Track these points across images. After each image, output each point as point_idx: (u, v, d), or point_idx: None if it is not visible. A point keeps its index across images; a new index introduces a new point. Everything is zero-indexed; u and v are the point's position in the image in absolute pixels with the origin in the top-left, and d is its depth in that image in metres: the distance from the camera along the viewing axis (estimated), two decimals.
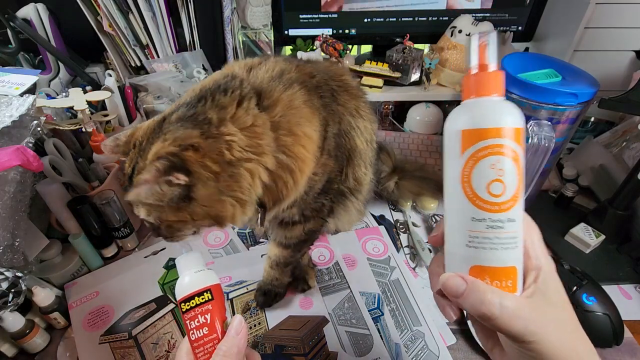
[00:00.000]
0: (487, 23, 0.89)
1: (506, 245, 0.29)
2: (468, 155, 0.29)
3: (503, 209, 0.28)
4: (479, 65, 0.29)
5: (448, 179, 0.31)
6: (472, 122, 0.29)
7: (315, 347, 0.57)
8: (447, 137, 0.30)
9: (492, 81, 0.29)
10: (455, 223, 0.31)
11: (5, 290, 0.49)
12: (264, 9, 0.95)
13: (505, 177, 0.28)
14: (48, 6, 0.83)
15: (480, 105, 0.29)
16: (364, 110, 0.54)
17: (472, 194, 0.29)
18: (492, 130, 0.28)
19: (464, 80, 0.31)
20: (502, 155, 0.28)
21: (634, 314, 0.61)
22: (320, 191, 0.51)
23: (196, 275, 0.38)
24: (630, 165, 0.76)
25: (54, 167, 0.61)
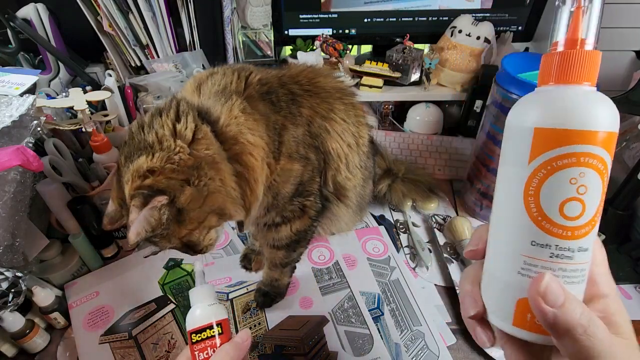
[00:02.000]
0: (487, 23, 0.89)
1: (571, 279, 0.23)
2: (540, 162, 0.22)
3: (577, 235, 0.22)
4: (569, 39, 0.22)
5: (505, 188, 0.25)
6: (553, 119, 0.22)
7: (315, 347, 0.57)
8: (511, 134, 0.24)
9: (585, 64, 0.21)
10: (508, 244, 0.24)
11: (5, 290, 0.49)
12: (264, 9, 0.95)
13: (587, 195, 0.22)
14: (48, 6, 0.83)
15: (566, 96, 0.22)
16: (345, 113, 0.53)
17: (537, 212, 0.22)
18: (581, 134, 0.21)
19: (543, 59, 0.23)
20: (589, 168, 0.21)
21: (634, 314, 0.61)
22: (292, 194, 0.51)
23: (209, 308, 0.40)
24: (630, 165, 0.76)
25: (54, 167, 0.61)
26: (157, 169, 0.38)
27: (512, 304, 0.24)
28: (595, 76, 0.22)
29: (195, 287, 0.42)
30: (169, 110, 0.42)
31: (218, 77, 0.46)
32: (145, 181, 0.38)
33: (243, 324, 0.60)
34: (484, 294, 0.27)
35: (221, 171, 0.41)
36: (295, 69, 0.55)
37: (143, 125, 0.42)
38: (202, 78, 0.47)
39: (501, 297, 0.25)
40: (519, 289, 0.24)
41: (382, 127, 1.03)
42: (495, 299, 0.26)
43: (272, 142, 0.46)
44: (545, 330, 0.23)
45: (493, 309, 0.26)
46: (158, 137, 0.40)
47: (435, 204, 0.80)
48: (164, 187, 0.38)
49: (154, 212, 0.38)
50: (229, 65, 0.50)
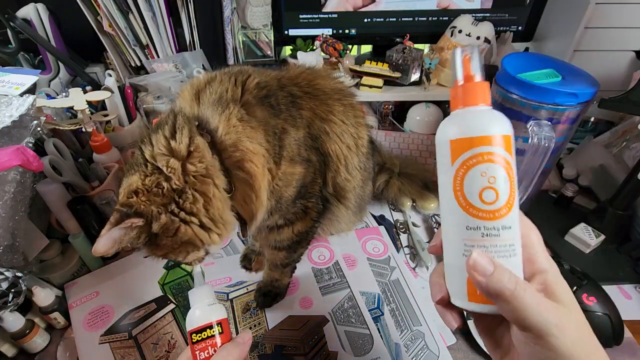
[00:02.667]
0: (487, 23, 0.89)
1: (503, 253, 0.28)
2: (458, 164, 0.29)
3: (497, 216, 0.28)
4: (465, 76, 0.30)
5: (442, 189, 0.31)
6: (461, 132, 0.29)
7: (315, 346, 0.57)
8: (438, 148, 0.31)
9: (478, 91, 0.29)
10: (451, 233, 0.30)
11: (5, 290, 0.49)
12: (264, 9, 0.95)
13: (497, 184, 0.28)
14: (48, 6, 0.83)
15: (468, 114, 0.30)
16: (344, 114, 0.54)
17: (465, 202, 0.29)
18: (480, 139, 0.28)
19: (451, 92, 0.31)
20: (493, 163, 0.28)
21: (634, 314, 0.61)
22: (295, 197, 0.51)
23: (209, 308, 0.41)
24: (630, 165, 0.76)
25: (54, 167, 0.61)
26: (141, 191, 0.39)
27: (464, 282, 0.30)
28: (488, 98, 0.30)
29: (194, 288, 0.42)
30: (165, 125, 0.42)
31: (215, 85, 0.46)
32: (128, 200, 0.39)
33: (243, 324, 0.60)
34: (446, 281, 0.32)
35: (209, 186, 0.41)
36: (294, 70, 0.55)
37: (144, 140, 0.42)
38: (200, 85, 0.47)
39: (456, 278, 0.31)
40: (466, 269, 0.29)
41: (382, 127, 1.03)
42: (453, 282, 0.31)
43: (272, 148, 0.46)
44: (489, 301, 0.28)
45: (453, 291, 0.31)
46: (153, 156, 0.41)
47: (435, 203, 0.80)
48: (142, 210, 0.39)
49: (128, 231, 0.39)
50: (227, 69, 0.50)
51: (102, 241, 0.39)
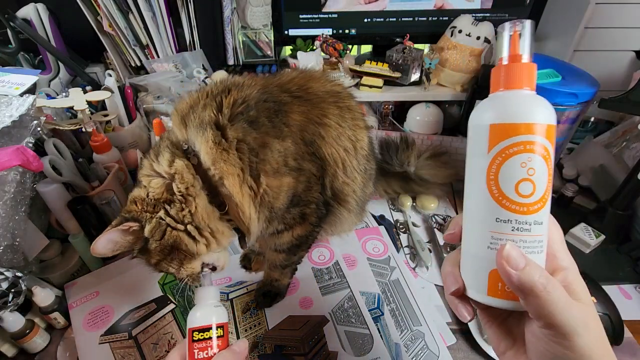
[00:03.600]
0: (487, 23, 0.89)
1: (532, 249, 0.27)
2: (496, 151, 0.27)
3: (531, 210, 0.27)
4: (511, 55, 0.27)
5: (471, 176, 0.29)
6: (503, 116, 0.27)
7: (315, 346, 0.57)
8: (473, 132, 0.28)
9: (524, 73, 0.27)
10: (477, 223, 0.29)
11: (5, 290, 0.49)
12: (264, 9, 0.95)
13: (536, 176, 0.26)
14: (48, 6, 0.83)
15: (511, 98, 0.27)
16: (339, 117, 0.53)
17: (498, 193, 0.27)
18: (524, 126, 0.26)
19: (493, 72, 0.29)
20: (534, 153, 0.26)
21: (634, 314, 0.61)
22: (287, 205, 0.50)
23: (213, 309, 0.42)
24: (630, 165, 0.76)
25: (54, 167, 0.61)
26: (139, 201, 0.45)
27: (485, 275, 0.28)
28: (533, 83, 0.27)
29: (202, 287, 0.44)
30: (152, 150, 0.49)
31: (198, 109, 0.47)
32: (129, 207, 0.46)
33: (243, 324, 0.60)
34: (463, 272, 0.30)
35: (192, 203, 0.45)
36: (287, 76, 0.55)
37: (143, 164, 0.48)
38: (183, 111, 0.48)
39: (476, 271, 0.29)
40: (490, 261, 0.28)
41: (382, 127, 1.03)
42: (472, 274, 0.30)
43: (247, 166, 0.45)
44: (514, 296, 0.27)
45: (470, 284, 0.30)
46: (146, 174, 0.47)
47: (435, 204, 0.80)
48: (138, 216, 0.44)
49: (125, 234, 0.44)
50: (210, 86, 0.51)
51: (100, 241, 0.43)
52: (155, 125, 0.75)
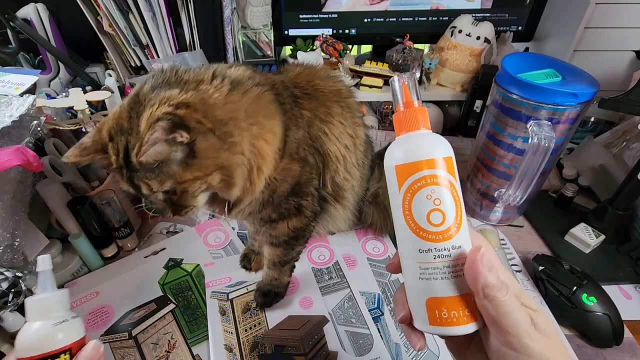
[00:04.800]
0: (487, 23, 0.89)
1: (457, 273, 0.29)
2: (405, 189, 0.29)
3: (446, 237, 0.29)
4: (405, 102, 0.31)
5: (394, 214, 0.31)
6: (405, 157, 0.30)
7: (315, 346, 0.57)
8: (386, 173, 0.31)
9: (418, 116, 0.31)
10: (406, 256, 0.31)
11: (5, 290, 0.49)
12: (264, 9, 0.95)
13: (443, 205, 0.29)
14: (48, 6, 0.83)
15: (410, 139, 0.31)
16: (341, 115, 0.54)
17: (415, 226, 0.29)
18: (422, 163, 0.29)
19: (394, 118, 0.32)
20: (436, 185, 0.29)
21: (634, 314, 0.61)
22: (288, 193, 0.51)
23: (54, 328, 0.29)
24: (630, 165, 0.76)
25: (54, 167, 0.61)
26: (192, 106, 0.39)
27: (423, 304, 0.30)
28: (427, 123, 0.31)
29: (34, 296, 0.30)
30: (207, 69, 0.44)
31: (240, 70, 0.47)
32: (177, 110, 0.38)
33: (243, 324, 0.60)
34: (409, 302, 0.32)
35: (243, 137, 0.42)
36: (292, 71, 0.56)
37: (177, 69, 0.43)
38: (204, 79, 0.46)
39: (415, 302, 0.31)
40: (424, 291, 0.29)
41: (382, 127, 1.03)
42: (413, 304, 0.31)
43: (282, 139, 0.47)
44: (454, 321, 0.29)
45: (415, 315, 0.31)
46: (197, 79, 0.42)
47: None
48: (192, 126, 0.38)
49: (171, 145, 0.38)
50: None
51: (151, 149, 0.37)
52: None
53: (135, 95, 0.42)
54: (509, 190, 0.67)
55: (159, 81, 0.42)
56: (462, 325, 0.29)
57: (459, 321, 0.29)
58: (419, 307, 0.30)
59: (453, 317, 0.29)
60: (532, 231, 0.77)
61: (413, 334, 0.31)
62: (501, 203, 0.72)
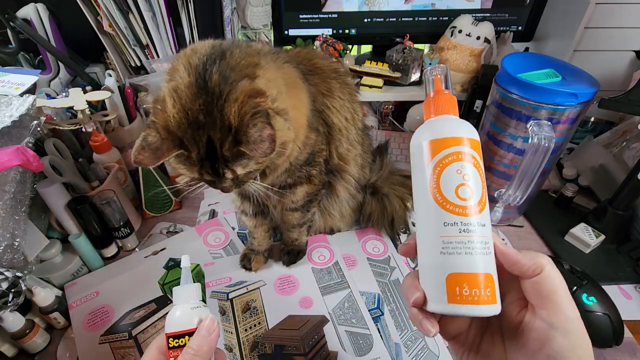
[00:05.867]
0: (487, 23, 0.89)
1: (481, 250, 0.29)
2: (435, 161, 0.31)
3: (473, 212, 0.29)
4: (436, 91, 0.34)
5: (418, 189, 0.32)
6: (437, 133, 0.31)
7: (315, 346, 0.57)
8: (415, 150, 0.32)
9: (449, 102, 0.33)
10: (428, 231, 0.31)
11: (5, 290, 0.49)
12: (264, 9, 0.95)
13: (471, 182, 0.30)
14: (48, 6, 0.83)
15: (442, 120, 0.33)
16: (339, 91, 0.59)
17: (442, 199, 0.30)
18: (455, 139, 0.31)
19: (424, 104, 0.34)
20: (467, 162, 0.30)
21: (634, 314, 0.61)
22: (304, 162, 0.55)
23: (192, 311, 0.37)
24: (630, 165, 0.76)
25: (54, 167, 0.61)
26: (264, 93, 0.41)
27: (442, 282, 0.29)
28: (456, 110, 0.33)
29: (179, 285, 0.39)
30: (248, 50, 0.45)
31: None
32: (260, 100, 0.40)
33: (243, 323, 0.60)
34: (422, 284, 0.31)
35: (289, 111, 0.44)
36: (292, 51, 0.60)
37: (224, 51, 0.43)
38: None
39: (434, 279, 0.30)
40: (445, 266, 0.29)
41: (382, 127, 1.03)
42: (430, 283, 0.30)
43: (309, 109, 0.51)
44: (475, 299, 0.28)
45: (430, 296, 0.30)
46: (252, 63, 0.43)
47: None
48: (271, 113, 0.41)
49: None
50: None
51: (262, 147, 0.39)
52: None
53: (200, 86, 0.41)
54: (509, 190, 0.67)
55: (224, 68, 0.41)
56: (484, 305, 0.28)
57: (480, 300, 0.28)
58: (438, 285, 0.29)
59: (475, 295, 0.28)
60: (532, 231, 0.77)
61: (426, 319, 0.30)
62: (501, 203, 0.72)
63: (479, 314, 0.28)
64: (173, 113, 0.41)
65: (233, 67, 0.42)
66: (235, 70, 0.41)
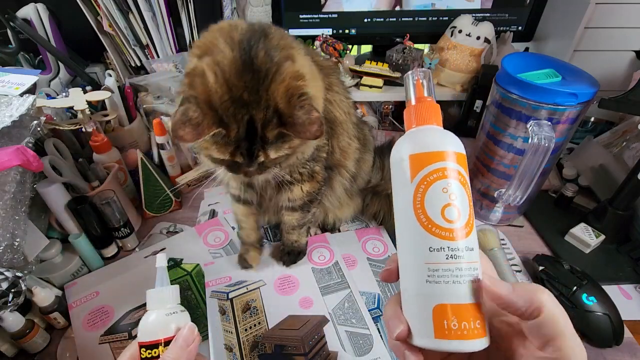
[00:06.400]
0: (487, 23, 0.89)
1: (469, 277, 0.26)
2: (418, 180, 0.27)
3: (460, 236, 0.27)
4: (418, 98, 0.31)
5: (399, 209, 0.29)
6: (421, 147, 0.28)
7: (315, 346, 0.57)
8: (396, 166, 0.29)
9: (432, 111, 0.30)
10: (412, 257, 0.28)
11: (5, 290, 0.49)
12: (264, 9, 0.95)
13: (458, 201, 0.27)
14: (48, 6, 0.83)
15: (425, 131, 0.30)
16: (337, 86, 0.59)
17: (427, 221, 0.27)
18: (439, 154, 0.27)
19: (405, 113, 0.31)
20: (453, 179, 0.27)
21: (634, 314, 0.61)
22: (309, 157, 0.55)
23: (168, 317, 0.34)
24: (630, 165, 0.76)
25: (54, 167, 0.61)
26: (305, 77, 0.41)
27: (429, 314, 0.26)
28: (440, 119, 0.30)
29: (152, 288, 0.36)
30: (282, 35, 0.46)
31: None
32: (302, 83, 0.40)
33: (243, 323, 0.60)
34: (406, 314, 0.28)
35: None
36: None
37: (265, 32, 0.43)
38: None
39: (419, 312, 0.27)
40: (432, 297, 0.26)
41: (382, 127, 1.03)
42: (415, 314, 0.27)
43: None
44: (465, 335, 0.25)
45: (415, 328, 0.27)
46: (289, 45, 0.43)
47: None
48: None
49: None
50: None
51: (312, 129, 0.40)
52: (155, 125, 0.75)
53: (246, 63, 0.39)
54: (509, 190, 0.67)
55: (269, 47, 0.40)
56: (474, 340, 0.25)
57: (470, 334, 0.25)
58: (423, 317, 0.26)
59: (464, 329, 0.25)
60: (532, 231, 0.77)
61: (412, 353, 0.27)
62: (501, 203, 0.72)
63: (468, 349, 0.26)
64: (216, 88, 0.39)
65: (275, 47, 0.41)
66: (277, 49, 0.41)
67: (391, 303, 0.29)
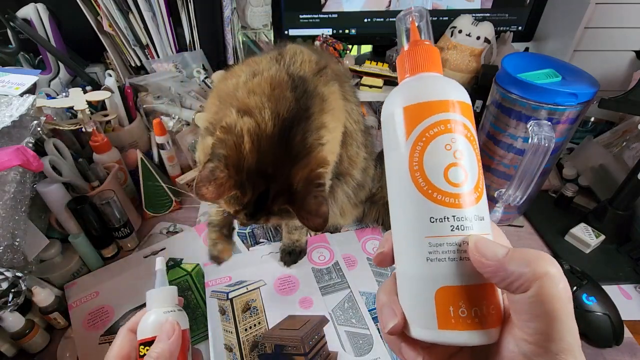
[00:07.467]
0: (487, 23, 0.89)
1: None
2: (416, 135, 0.22)
3: (468, 202, 0.21)
4: (413, 42, 0.25)
5: (392, 173, 0.24)
6: (417, 96, 0.23)
7: (315, 346, 0.57)
8: (387, 122, 0.24)
9: (430, 56, 0.24)
10: (408, 231, 0.23)
11: (5, 290, 0.49)
12: (264, 9, 0.95)
13: (465, 160, 0.22)
14: (48, 6, 0.83)
15: (423, 79, 0.24)
16: (350, 95, 0.58)
17: (427, 185, 0.22)
18: (441, 103, 0.22)
19: (398, 61, 0.26)
20: (458, 134, 0.22)
21: (634, 314, 0.61)
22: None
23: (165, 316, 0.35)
24: (630, 165, 0.76)
25: (54, 167, 0.61)
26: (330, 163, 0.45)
27: (431, 300, 0.21)
28: (439, 67, 0.25)
29: (153, 289, 0.38)
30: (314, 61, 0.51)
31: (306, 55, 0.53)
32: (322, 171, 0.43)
33: (243, 323, 0.60)
34: (402, 302, 0.23)
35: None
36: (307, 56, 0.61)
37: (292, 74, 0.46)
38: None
39: (418, 297, 0.22)
40: (434, 279, 0.21)
41: None
42: (414, 301, 0.22)
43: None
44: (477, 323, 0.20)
45: (413, 318, 0.23)
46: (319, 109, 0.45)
47: None
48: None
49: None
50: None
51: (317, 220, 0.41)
52: (155, 125, 0.75)
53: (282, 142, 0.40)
54: (509, 190, 0.67)
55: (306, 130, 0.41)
56: (489, 330, 0.21)
57: (481, 323, 0.20)
58: (423, 304, 0.22)
59: (475, 317, 0.20)
60: (532, 231, 0.77)
61: (409, 347, 0.23)
62: (501, 203, 0.72)
63: (481, 341, 0.21)
64: (249, 156, 0.40)
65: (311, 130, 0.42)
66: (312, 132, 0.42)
67: (384, 290, 0.25)
